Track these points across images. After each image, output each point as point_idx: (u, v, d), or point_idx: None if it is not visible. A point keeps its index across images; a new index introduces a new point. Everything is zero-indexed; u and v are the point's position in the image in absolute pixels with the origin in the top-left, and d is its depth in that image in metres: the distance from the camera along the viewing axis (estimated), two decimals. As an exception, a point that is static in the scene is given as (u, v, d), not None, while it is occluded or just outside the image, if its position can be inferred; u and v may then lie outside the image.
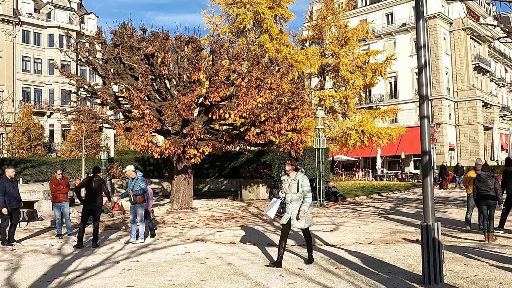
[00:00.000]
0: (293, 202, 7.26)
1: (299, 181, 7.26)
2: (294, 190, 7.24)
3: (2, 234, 10.11)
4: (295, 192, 7.24)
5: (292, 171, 7.36)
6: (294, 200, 7.25)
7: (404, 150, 41.52)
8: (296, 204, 7.23)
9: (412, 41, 46.68)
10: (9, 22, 47.37)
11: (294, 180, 7.29)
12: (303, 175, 7.34)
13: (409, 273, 6.74)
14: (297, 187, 7.24)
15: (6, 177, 10.26)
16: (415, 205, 17.74)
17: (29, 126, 43.30)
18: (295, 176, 7.32)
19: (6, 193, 10.02)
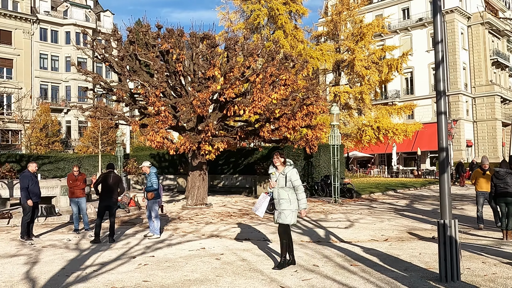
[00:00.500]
0: (281, 198, 6.87)
1: (287, 175, 6.86)
2: (282, 184, 6.86)
3: (22, 227, 10.30)
4: (283, 187, 6.86)
5: (281, 164, 6.98)
6: (282, 195, 6.86)
7: (421, 147, 41.08)
8: (283, 200, 6.83)
9: (429, 36, 46.09)
10: (27, 20, 48.05)
11: (282, 174, 6.90)
12: (291, 168, 6.93)
13: (426, 270, 6.68)
14: (284, 181, 6.85)
15: (29, 172, 10.49)
16: (431, 202, 17.56)
17: (46, 123, 43.98)
18: (283, 169, 6.94)
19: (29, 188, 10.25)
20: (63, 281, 6.44)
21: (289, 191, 6.84)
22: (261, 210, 7.24)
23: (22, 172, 10.66)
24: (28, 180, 10.30)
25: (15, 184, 15.53)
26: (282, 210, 6.83)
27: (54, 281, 6.46)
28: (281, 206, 6.84)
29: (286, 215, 6.82)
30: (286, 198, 6.83)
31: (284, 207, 6.82)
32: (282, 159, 6.98)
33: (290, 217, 6.83)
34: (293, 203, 6.84)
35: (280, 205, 6.86)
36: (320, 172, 22.07)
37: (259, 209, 7.25)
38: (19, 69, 47.07)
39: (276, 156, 7.00)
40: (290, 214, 6.82)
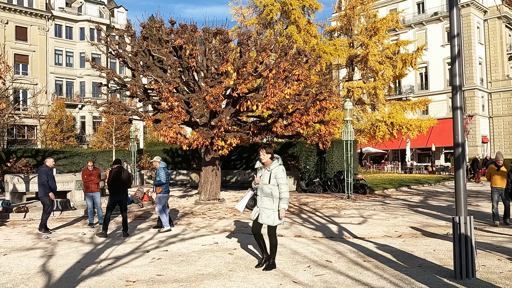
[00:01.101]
0: (263, 195, 6.46)
1: (272, 171, 6.43)
2: (266, 181, 6.44)
3: (42, 221, 10.51)
4: (266, 184, 6.42)
5: (267, 159, 6.54)
6: (264, 192, 6.44)
7: (435, 142, 40.65)
8: (266, 197, 6.42)
9: (444, 31, 45.49)
10: (42, 17, 48.57)
11: (268, 170, 6.50)
12: (277, 165, 6.49)
13: (440, 267, 6.62)
14: (268, 178, 6.42)
15: (47, 167, 10.71)
16: (446, 198, 17.39)
17: (61, 118, 44.50)
18: (269, 165, 6.53)
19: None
20: (79, 274, 6.53)
21: (274, 188, 6.39)
22: (241, 204, 6.88)
23: (40, 167, 10.86)
24: (47, 175, 10.50)
25: (31, 178, 15.76)
26: (263, 209, 6.43)
27: (70, 274, 6.55)
28: (263, 204, 6.45)
29: (268, 215, 6.40)
30: (269, 196, 6.42)
31: (265, 206, 6.42)
32: (269, 154, 6.53)
33: (273, 217, 6.40)
34: (277, 202, 6.41)
35: (262, 203, 6.46)
36: (333, 168, 21.99)
37: (239, 203, 6.90)
38: (35, 65, 47.63)
39: (261, 151, 6.55)
40: (273, 214, 6.39)
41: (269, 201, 6.40)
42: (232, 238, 9.36)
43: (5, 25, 45.82)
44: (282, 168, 6.48)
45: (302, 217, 12.48)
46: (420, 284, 5.73)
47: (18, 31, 46.78)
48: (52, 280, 6.26)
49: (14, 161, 23.56)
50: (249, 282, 5.97)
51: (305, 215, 13.03)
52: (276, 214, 6.36)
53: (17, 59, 45.99)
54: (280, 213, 6.37)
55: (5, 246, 8.94)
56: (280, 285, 5.84)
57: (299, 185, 21.26)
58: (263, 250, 6.68)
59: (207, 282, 6.03)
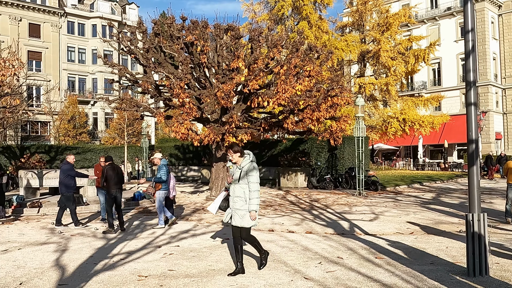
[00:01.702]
0: (235, 195, 6.03)
1: (243, 169, 6.02)
2: (237, 180, 6.03)
3: (73, 216, 10.84)
4: (238, 183, 6.01)
5: (237, 158, 6.10)
6: (237, 192, 6.03)
7: (448, 139, 40.26)
8: (238, 198, 6.00)
9: (458, 26, 44.93)
10: (55, 14, 48.99)
11: (239, 168, 6.06)
12: (248, 162, 6.05)
13: (453, 264, 6.57)
14: (239, 176, 6.00)
15: (70, 164, 10.99)
16: (458, 195, 17.23)
17: (74, 114, 44.95)
18: (240, 163, 6.09)
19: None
20: (92, 269, 6.59)
21: (246, 188, 5.97)
22: (213, 206, 6.45)
23: (63, 165, 11.11)
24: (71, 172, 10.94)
25: (45, 174, 15.94)
26: (236, 210, 6.03)
27: (83, 269, 6.62)
28: (235, 205, 6.03)
29: (241, 216, 5.99)
30: (241, 196, 5.99)
31: (238, 206, 6.01)
32: (237, 153, 6.10)
33: (246, 219, 5.99)
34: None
35: (235, 203, 6.05)
36: (344, 164, 21.91)
37: (212, 205, 6.51)
38: (48, 61, 48.10)
39: (229, 152, 6.17)
40: (245, 215, 5.98)
41: (241, 202, 5.99)
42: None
43: (19, 22, 46.32)
44: (254, 165, 6.05)
45: (313, 214, 12.46)
46: (433, 282, 5.69)
47: (31, 28, 47.26)
48: (65, 274, 6.34)
49: (27, 156, 23.84)
50: (260, 278, 5.98)
51: (316, 211, 13.01)
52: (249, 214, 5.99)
53: (30, 56, 46.50)
54: (250, 216, 5.97)
55: (19, 240, 9.07)
56: (292, 281, 5.84)
57: (310, 182, 21.22)
58: (238, 258, 6.23)
59: (219, 277, 6.05)
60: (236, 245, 6.23)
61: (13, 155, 26.84)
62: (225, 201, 6.34)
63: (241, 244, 6.24)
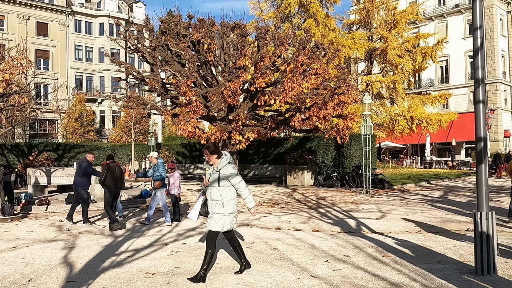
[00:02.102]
0: (212, 199, 5.79)
1: (221, 171, 5.77)
2: (214, 183, 5.80)
3: (84, 214, 10.96)
4: (215, 186, 5.77)
5: (213, 159, 5.85)
6: (214, 195, 5.77)
7: (455, 137, 40.03)
8: (214, 202, 5.76)
9: (466, 23, 44.58)
10: (62, 12, 49.24)
11: (215, 170, 5.82)
12: (226, 163, 5.81)
13: (460, 263, 6.53)
14: (217, 179, 5.77)
15: (90, 162, 11.13)
16: (466, 193, 17.12)
17: (81, 113, 45.18)
18: (217, 164, 5.86)
19: None
20: (99, 266, 6.63)
21: (223, 191, 5.74)
22: (193, 213, 6.23)
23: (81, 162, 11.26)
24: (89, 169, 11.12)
25: (53, 172, 16.05)
26: (212, 214, 5.79)
27: (91, 266, 6.66)
28: (213, 209, 5.80)
29: (216, 220, 5.74)
30: (218, 199, 5.74)
31: (215, 210, 5.76)
32: (214, 154, 5.84)
33: (222, 222, 5.74)
34: (227, 205, 5.76)
35: (212, 207, 5.81)
36: (351, 162, 21.86)
37: (192, 212, 6.22)
38: (55, 60, 48.37)
39: (205, 152, 5.88)
40: (222, 219, 5.73)
41: (218, 205, 5.74)
42: (250, 232, 9.39)
43: (27, 21, 46.60)
44: (232, 166, 5.86)
45: (319, 212, 12.44)
46: (440, 280, 5.67)
47: (39, 26, 47.54)
48: (73, 271, 6.38)
49: (36, 154, 24.04)
50: (267, 276, 5.99)
51: (322, 209, 12.99)
52: (226, 218, 5.76)
53: (38, 55, 46.79)
54: (251, 213, 6.09)
55: (28, 237, 9.14)
56: (298, 279, 5.84)
57: (316, 180, 21.19)
58: (240, 257, 6.18)
59: (225, 275, 6.06)
60: (234, 246, 6.12)
61: (21, 153, 27.05)
62: (204, 206, 6.15)
63: (237, 243, 6.12)
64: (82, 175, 10.98)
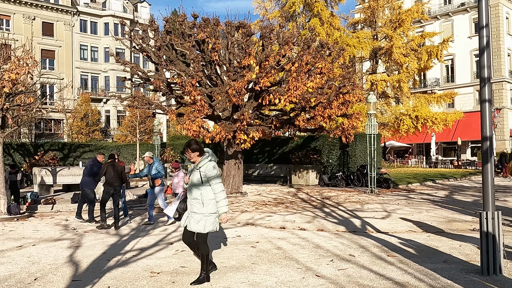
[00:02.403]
0: (192, 198, 5.58)
1: (201, 169, 5.53)
2: (195, 181, 5.56)
3: (90, 214, 11.04)
4: (196, 185, 5.55)
5: (195, 157, 5.61)
6: (194, 194, 5.56)
7: (461, 136, 39.84)
8: (194, 201, 5.54)
9: (472, 22, 44.35)
10: (68, 12, 49.44)
11: (197, 168, 5.59)
12: (207, 161, 5.57)
13: (466, 263, 6.51)
14: (199, 177, 5.53)
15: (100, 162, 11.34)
16: (472, 193, 17.04)
17: (87, 112, 45.36)
18: (198, 162, 5.62)
19: None
20: (105, 265, 6.66)
21: (204, 189, 5.52)
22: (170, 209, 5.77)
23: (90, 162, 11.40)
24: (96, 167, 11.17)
25: (59, 171, 16.12)
26: (192, 213, 5.57)
27: (96, 265, 6.69)
28: (192, 208, 5.57)
29: (197, 221, 5.50)
30: (198, 198, 5.52)
31: (195, 209, 5.53)
32: (196, 152, 5.60)
33: (203, 223, 5.48)
34: (207, 205, 5.50)
35: (191, 206, 5.59)
36: (356, 162, 21.81)
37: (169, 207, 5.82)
38: (61, 60, 48.59)
39: (186, 149, 5.64)
40: (202, 219, 5.48)
41: (198, 204, 5.52)
42: (255, 231, 9.39)
43: (32, 21, 46.83)
44: (213, 165, 5.57)
45: (324, 211, 12.42)
46: (446, 280, 5.65)
47: (44, 27, 47.78)
48: (79, 270, 6.41)
49: (41, 154, 24.13)
50: (271, 275, 5.99)
51: (327, 209, 12.97)
52: (207, 219, 5.49)
53: (44, 54, 47.01)
54: (222, 219, 5.67)
55: (34, 236, 9.19)
56: (303, 278, 5.84)
57: (321, 179, 21.16)
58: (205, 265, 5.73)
59: (230, 274, 6.07)
60: (195, 250, 5.85)
61: (27, 152, 27.19)
62: (183, 203, 5.78)
63: (205, 252, 5.68)
64: (88, 174, 11.05)
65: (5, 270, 6.44)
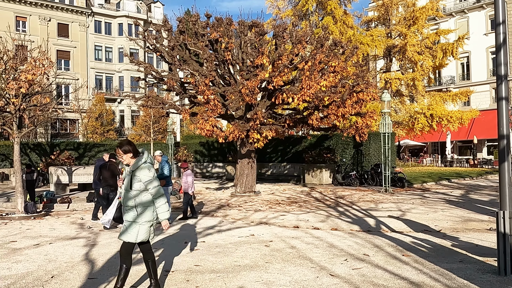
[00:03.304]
0: (125, 204, 5.00)
1: (135, 173, 4.94)
2: (127, 186, 4.98)
3: (95, 210, 11.20)
4: (128, 190, 4.96)
5: (128, 159, 4.99)
6: (127, 201, 4.97)
7: (477, 135, 39.31)
8: (127, 208, 4.96)
9: (488, 19, 43.70)
10: (82, 13, 49.99)
11: (129, 172, 5.00)
12: (141, 164, 4.96)
13: (482, 263, 6.42)
14: (129, 183, 4.95)
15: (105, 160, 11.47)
16: (488, 192, 16.81)
17: (101, 112, 45.84)
18: (132, 165, 5.00)
19: None
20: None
21: (137, 195, 4.93)
22: (106, 218, 5.42)
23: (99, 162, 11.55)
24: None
25: (74, 170, 16.32)
26: (126, 222, 5.01)
27: (112, 263, 6.75)
28: (126, 217, 5.00)
29: (129, 229, 4.94)
30: (131, 205, 4.95)
31: (128, 218, 4.97)
32: (128, 154, 4.98)
33: (135, 233, 4.91)
34: (142, 213, 4.95)
35: (125, 214, 5.02)
36: (370, 161, 21.67)
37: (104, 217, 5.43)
38: (76, 60, 49.15)
39: (117, 151, 5.03)
40: (135, 228, 4.92)
41: (131, 212, 4.95)
42: (268, 230, 9.39)
43: (48, 22, 47.45)
44: (148, 167, 4.96)
45: (338, 210, 12.37)
46: (462, 280, 5.58)
47: (60, 28, 48.38)
48: (95, 268, 6.48)
49: (57, 153, 24.44)
50: (285, 274, 5.98)
51: (341, 208, 12.92)
52: (142, 228, 4.95)
53: (59, 55, 47.60)
54: (163, 226, 5.17)
55: (50, 235, 9.31)
56: (317, 277, 5.82)
57: (335, 178, 21.07)
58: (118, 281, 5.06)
59: (244, 273, 6.08)
60: (146, 261, 5.24)
61: (43, 152, 27.57)
62: (119, 211, 5.25)
63: (152, 259, 5.23)
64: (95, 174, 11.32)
65: (23, 268, 6.54)
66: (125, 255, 5.03)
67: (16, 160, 12.30)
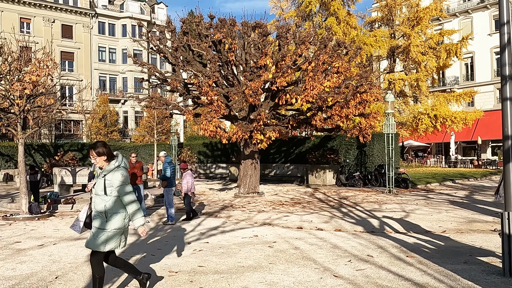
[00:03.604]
0: (95, 210, 4.73)
1: (107, 177, 4.69)
2: (98, 191, 4.71)
3: None
4: (100, 195, 4.69)
5: (101, 161, 4.74)
6: (97, 206, 4.70)
7: (481, 135, 39.17)
8: (97, 213, 4.70)
9: (492, 19, 43.57)
10: (86, 15, 50.15)
11: (102, 176, 4.75)
12: (113, 168, 4.73)
13: (487, 264, 6.40)
14: (103, 187, 4.68)
15: None
16: (492, 193, 16.72)
17: (105, 113, 45.96)
18: (105, 169, 4.76)
19: None
20: (123, 264, 6.72)
21: (108, 201, 4.66)
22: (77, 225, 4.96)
23: None
24: None
25: (78, 171, 16.36)
26: (94, 228, 4.74)
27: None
28: (94, 223, 4.73)
29: (96, 237, 4.65)
30: (101, 211, 4.67)
31: (96, 225, 4.70)
32: (103, 156, 4.74)
33: (103, 241, 4.63)
34: (111, 220, 4.67)
35: (94, 220, 4.74)
36: (374, 162, 21.63)
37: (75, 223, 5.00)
38: (80, 61, 49.31)
39: (91, 153, 4.77)
40: (104, 236, 4.64)
41: (100, 219, 4.69)
42: (272, 231, 9.39)
43: (52, 24, 47.63)
44: (121, 172, 4.73)
45: (342, 211, 12.35)
46: (466, 281, 5.56)
47: (64, 29, 48.55)
48: (98, 269, 6.49)
49: (61, 154, 24.55)
50: (289, 275, 5.97)
51: (345, 209, 12.90)
52: (110, 236, 4.67)
53: (63, 56, 47.78)
54: (140, 233, 4.88)
55: (54, 236, 9.34)
56: (321, 278, 5.81)
57: (338, 179, 21.04)
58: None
59: (248, 274, 6.08)
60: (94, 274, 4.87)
61: (47, 153, 27.68)
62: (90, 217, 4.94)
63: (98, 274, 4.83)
64: None
65: (27, 269, 6.56)
66: (95, 265, 4.79)
67: (21, 161, 12.36)
